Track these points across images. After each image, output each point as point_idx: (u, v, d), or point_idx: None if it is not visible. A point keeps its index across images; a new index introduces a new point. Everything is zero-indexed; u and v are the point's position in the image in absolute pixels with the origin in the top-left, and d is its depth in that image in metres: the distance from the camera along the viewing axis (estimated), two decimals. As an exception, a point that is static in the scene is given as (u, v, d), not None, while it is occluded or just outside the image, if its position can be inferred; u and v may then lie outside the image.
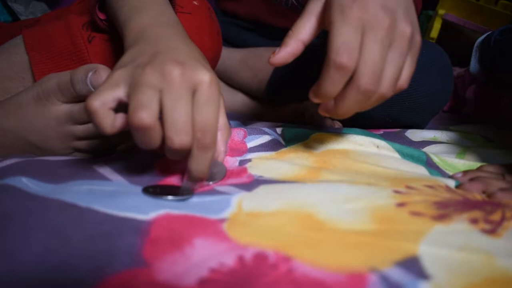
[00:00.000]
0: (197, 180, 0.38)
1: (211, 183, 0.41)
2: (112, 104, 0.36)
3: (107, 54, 0.48)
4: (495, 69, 0.86)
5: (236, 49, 0.85)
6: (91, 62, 0.50)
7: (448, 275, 0.28)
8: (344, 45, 0.37)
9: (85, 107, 0.36)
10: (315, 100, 0.41)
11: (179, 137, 0.35)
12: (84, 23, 0.50)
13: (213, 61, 0.61)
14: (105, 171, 0.42)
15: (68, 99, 0.44)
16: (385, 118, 0.67)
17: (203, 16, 0.56)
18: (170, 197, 0.37)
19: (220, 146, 0.42)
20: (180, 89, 0.35)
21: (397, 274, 0.28)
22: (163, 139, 0.36)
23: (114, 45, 0.49)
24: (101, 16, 0.49)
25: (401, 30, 0.38)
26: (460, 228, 0.33)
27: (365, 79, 0.37)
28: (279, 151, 0.51)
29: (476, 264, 0.29)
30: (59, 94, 0.44)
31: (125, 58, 0.39)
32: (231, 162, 0.47)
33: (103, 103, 0.36)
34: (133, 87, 0.35)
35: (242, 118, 0.79)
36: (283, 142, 0.54)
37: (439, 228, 0.33)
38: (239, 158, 0.48)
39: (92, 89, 0.43)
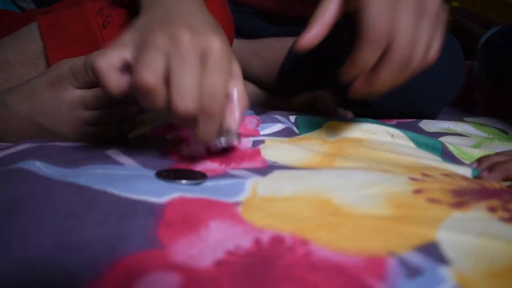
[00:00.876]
0: (201, 148, 0.39)
1: (223, 142, 0.40)
2: (118, 64, 0.35)
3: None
4: (498, 72, 0.85)
5: (247, 40, 0.84)
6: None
7: (469, 261, 0.27)
8: (379, 14, 0.37)
9: (90, 66, 0.35)
10: (350, 74, 0.41)
11: (183, 102, 0.34)
12: (99, 9, 0.49)
13: None
14: (118, 156, 0.42)
15: (81, 84, 0.44)
16: (399, 106, 0.66)
17: (214, 3, 0.56)
18: (184, 181, 0.36)
19: (235, 111, 0.40)
20: (187, 53, 0.34)
21: (416, 259, 0.27)
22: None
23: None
24: None
25: (430, 2, 0.38)
26: (478, 216, 0.32)
27: (401, 49, 0.37)
28: (293, 138, 0.50)
29: (495, 251, 0.28)
30: (72, 79, 0.43)
31: (137, 21, 0.38)
32: (245, 142, 0.47)
33: (108, 62, 0.35)
34: (140, 47, 0.35)
35: (254, 109, 0.79)
36: (296, 130, 0.54)
37: (457, 215, 0.32)
38: (252, 139, 0.48)
39: None
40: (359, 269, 0.26)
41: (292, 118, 0.57)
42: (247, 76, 0.85)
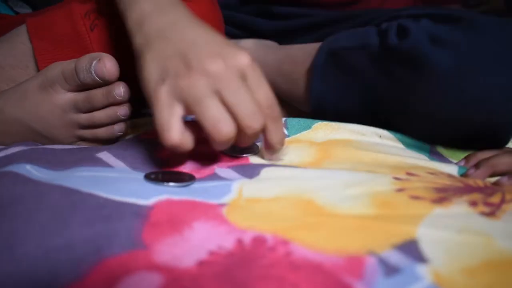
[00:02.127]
0: (278, 149, 0.41)
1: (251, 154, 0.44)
2: (182, 126, 0.36)
3: (109, 42, 0.49)
4: None
5: (270, 51, 0.75)
6: (93, 50, 0.50)
7: (447, 258, 0.28)
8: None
9: (166, 144, 0.35)
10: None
11: (257, 122, 0.36)
12: (86, 11, 0.50)
13: None
14: (109, 158, 0.42)
15: (72, 87, 0.45)
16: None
17: (204, 3, 0.56)
18: (172, 184, 0.37)
19: None
20: (234, 81, 0.35)
21: (395, 257, 0.28)
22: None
23: (117, 32, 0.50)
24: None
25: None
26: (459, 211, 0.33)
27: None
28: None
29: (475, 246, 0.29)
30: (63, 83, 0.44)
31: (152, 70, 0.37)
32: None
33: (180, 132, 0.36)
34: (192, 102, 0.35)
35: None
36: (286, 132, 0.54)
37: (439, 211, 0.33)
38: None
39: (96, 78, 0.43)
40: (337, 268, 0.26)
41: (282, 119, 0.57)
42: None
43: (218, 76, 0.35)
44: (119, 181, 0.36)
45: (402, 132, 0.53)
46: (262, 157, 0.44)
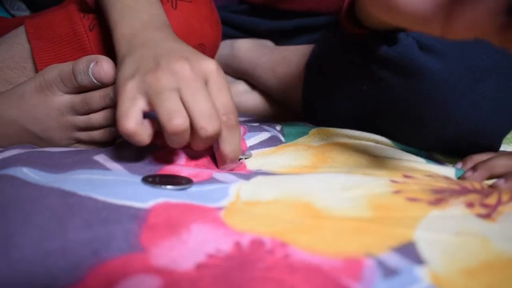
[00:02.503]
0: (234, 160, 0.41)
1: (244, 158, 0.45)
2: (141, 118, 0.37)
3: (108, 43, 0.48)
4: None
5: (266, 51, 0.75)
6: (92, 51, 0.50)
7: (444, 260, 0.28)
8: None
9: (120, 130, 0.37)
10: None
11: (211, 125, 0.36)
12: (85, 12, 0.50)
13: (212, 50, 0.61)
14: (106, 161, 0.42)
15: (70, 89, 0.45)
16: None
17: (203, 4, 0.56)
18: (169, 187, 0.37)
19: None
20: (195, 83, 0.37)
21: (393, 259, 0.28)
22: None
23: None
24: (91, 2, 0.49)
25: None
26: (456, 213, 0.33)
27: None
28: (278, 146, 0.51)
29: (472, 248, 0.29)
30: (61, 85, 0.44)
31: (127, 68, 0.39)
32: None
33: (137, 121, 0.37)
34: (153, 95, 0.36)
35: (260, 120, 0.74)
36: (282, 139, 0.54)
37: (435, 212, 0.33)
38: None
39: (94, 80, 0.43)
40: (336, 270, 0.27)
41: (278, 126, 0.57)
42: (259, 87, 0.77)
43: (181, 76, 0.37)
44: (117, 184, 0.36)
45: (396, 140, 0.53)
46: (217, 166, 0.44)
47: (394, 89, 0.49)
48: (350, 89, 0.55)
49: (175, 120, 0.35)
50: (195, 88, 0.37)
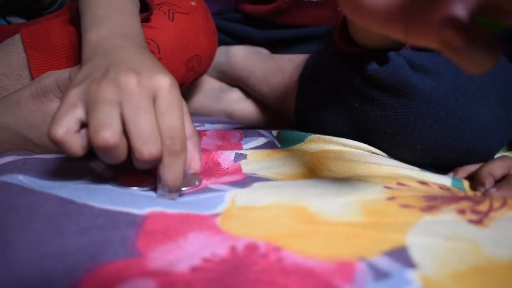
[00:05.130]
0: (173, 189, 0.36)
1: (186, 189, 0.40)
2: (76, 127, 0.35)
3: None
4: None
5: (260, 59, 0.75)
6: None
7: (435, 264, 0.28)
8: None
9: (48, 136, 0.34)
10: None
11: (147, 148, 0.33)
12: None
13: (208, 60, 0.62)
14: (102, 169, 0.43)
15: None
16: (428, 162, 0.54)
17: (200, 16, 0.57)
18: (135, 188, 0.38)
19: (194, 154, 0.41)
20: (138, 98, 0.34)
21: (384, 263, 0.28)
22: (130, 151, 0.34)
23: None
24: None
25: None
26: (447, 219, 0.34)
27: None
28: (274, 149, 0.52)
29: (462, 252, 0.29)
30: (57, 92, 0.44)
31: (80, 75, 0.37)
32: (227, 154, 0.48)
33: (67, 129, 0.34)
34: (89, 104, 0.34)
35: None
36: (278, 145, 0.55)
37: (427, 218, 0.34)
38: (235, 151, 0.49)
39: None
40: (328, 272, 0.27)
41: (275, 132, 0.58)
42: (253, 95, 0.77)
43: (125, 89, 0.34)
44: (112, 192, 0.36)
45: (389, 154, 0.53)
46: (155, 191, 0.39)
47: (386, 108, 0.50)
48: (342, 105, 0.55)
49: (101, 134, 0.32)
50: (137, 104, 0.33)
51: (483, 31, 0.22)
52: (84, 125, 0.35)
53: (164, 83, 0.35)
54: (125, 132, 0.34)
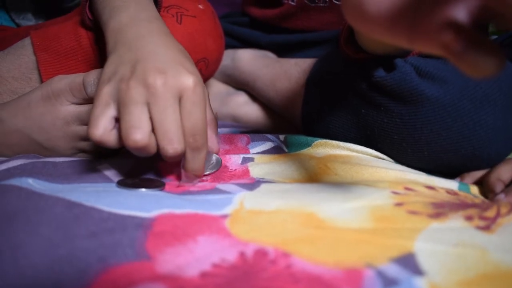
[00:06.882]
0: (194, 177, 0.41)
1: (207, 173, 0.45)
2: (111, 125, 0.38)
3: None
4: None
5: (267, 63, 0.75)
6: (97, 62, 0.51)
7: (443, 271, 0.28)
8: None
9: (89, 136, 0.37)
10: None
11: (171, 146, 0.37)
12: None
13: (215, 64, 0.62)
14: (110, 173, 0.43)
15: (78, 100, 0.45)
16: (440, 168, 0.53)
17: (207, 19, 0.58)
18: (143, 190, 0.39)
19: (213, 140, 0.44)
20: (165, 99, 0.36)
21: (393, 270, 0.28)
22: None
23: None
24: (90, 15, 0.50)
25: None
26: (455, 225, 0.34)
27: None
28: (282, 154, 0.52)
29: (470, 259, 0.29)
30: (69, 95, 0.45)
31: (107, 68, 0.40)
32: (235, 158, 0.48)
33: (103, 130, 0.37)
34: (121, 105, 0.37)
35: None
36: (285, 149, 0.55)
37: (435, 225, 0.34)
38: (242, 155, 0.49)
39: None
40: (337, 279, 0.27)
41: (282, 137, 0.58)
42: (260, 98, 0.77)
43: (153, 90, 0.36)
44: (121, 195, 0.36)
45: (396, 160, 0.53)
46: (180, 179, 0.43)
47: (393, 115, 0.50)
48: (349, 111, 0.55)
49: (132, 136, 0.36)
50: (164, 105, 0.36)
51: (485, 35, 0.22)
52: (118, 119, 0.38)
53: (189, 83, 0.38)
54: (153, 130, 0.37)
